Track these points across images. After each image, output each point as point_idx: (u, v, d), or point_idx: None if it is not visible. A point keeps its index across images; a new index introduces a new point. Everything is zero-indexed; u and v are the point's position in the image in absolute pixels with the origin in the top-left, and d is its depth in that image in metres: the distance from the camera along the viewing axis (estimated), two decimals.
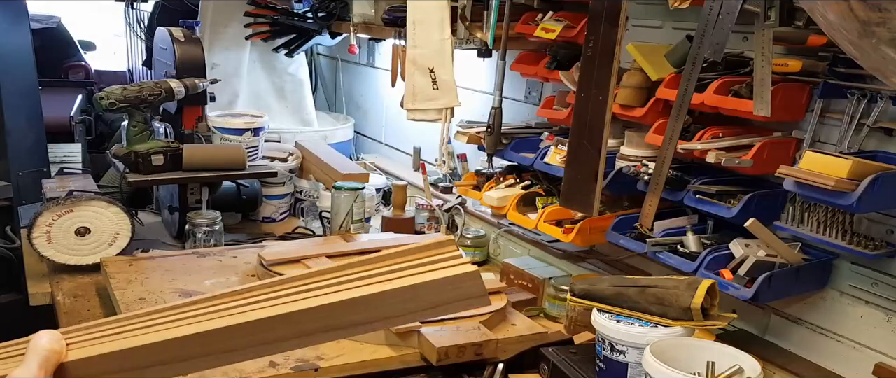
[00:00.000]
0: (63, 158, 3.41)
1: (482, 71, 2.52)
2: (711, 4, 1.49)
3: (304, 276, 0.78)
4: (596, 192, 1.72)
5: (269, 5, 2.98)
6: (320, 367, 1.53)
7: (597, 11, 1.68)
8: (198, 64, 2.49)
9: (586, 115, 1.73)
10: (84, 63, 5.83)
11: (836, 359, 1.60)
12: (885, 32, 0.87)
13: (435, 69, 2.15)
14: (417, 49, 2.16)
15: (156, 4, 3.97)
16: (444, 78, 2.15)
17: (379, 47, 3.31)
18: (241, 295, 0.78)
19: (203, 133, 2.53)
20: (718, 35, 1.49)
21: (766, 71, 1.47)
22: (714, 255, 1.60)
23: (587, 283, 1.59)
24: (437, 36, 2.14)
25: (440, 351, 1.57)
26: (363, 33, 2.69)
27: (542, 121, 2.22)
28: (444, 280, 0.76)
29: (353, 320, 0.76)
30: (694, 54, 1.55)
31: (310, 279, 0.78)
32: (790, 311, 1.68)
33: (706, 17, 1.50)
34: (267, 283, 0.78)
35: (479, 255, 2.39)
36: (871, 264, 1.52)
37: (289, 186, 2.75)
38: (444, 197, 2.61)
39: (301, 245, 2.18)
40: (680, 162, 1.70)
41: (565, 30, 1.97)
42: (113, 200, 2.19)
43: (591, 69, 1.71)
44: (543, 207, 2.02)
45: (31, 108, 3.19)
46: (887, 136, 1.47)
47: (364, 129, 3.53)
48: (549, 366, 1.59)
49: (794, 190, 1.41)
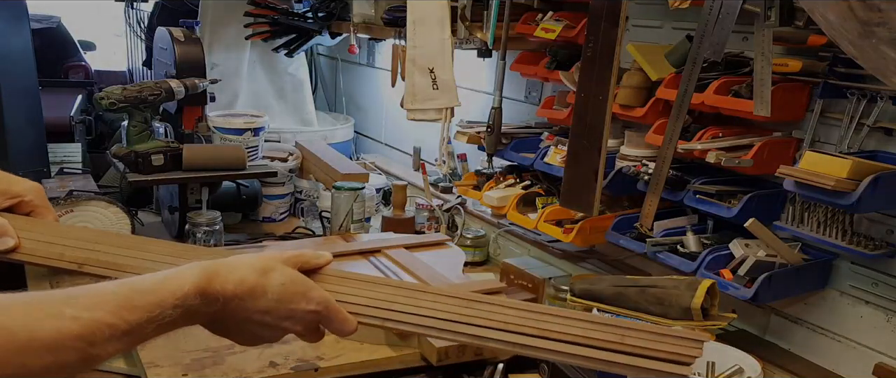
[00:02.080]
0: (63, 158, 3.41)
1: (482, 71, 2.52)
2: (711, 4, 1.49)
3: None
4: (596, 192, 1.72)
5: (269, 5, 2.98)
6: (320, 367, 1.53)
7: (597, 11, 1.68)
8: (198, 64, 2.49)
9: (586, 115, 1.73)
10: (84, 63, 5.82)
11: (836, 359, 1.60)
12: (885, 32, 0.87)
13: (435, 69, 2.15)
14: (417, 49, 2.16)
15: (156, 4, 3.96)
16: (444, 78, 2.15)
17: (379, 47, 3.31)
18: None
19: (203, 133, 2.53)
20: (718, 35, 1.49)
21: (766, 71, 1.47)
22: (714, 255, 1.60)
23: (587, 283, 1.59)
24: (437, 36, 2.14)
25: (440, 351, 1.57)
26: (363, 33, 2.69)
27: (542, 121, 2.22)
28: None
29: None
30: (694, 54, 1.55)
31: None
32: (790, 311, 1.68)
33: (706, 17, 1.50)
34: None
35: (479, 255, 2.39)
36: (871, 264, 1.52)
37: (289, 186, 2.75)
38: (444, 197, 2.61)
39: (301, 245, 2.18)
40: (680, 162, 1.70)
41: (565, 30, 1.97)
42: (113, 200, 2.19)
43: (591, 69, 1.71)
44: (543, 207, 2.02)
45: (31, 108, 3.19)
46: (887, 136, 1.47)
47: (364, 129, 3.53)
48: (549, 366, 1.59)
49: (794, 190, 1.41)
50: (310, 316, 0.92)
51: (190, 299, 0.83)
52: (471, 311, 0.90)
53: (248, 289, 0.87)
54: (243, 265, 0.89)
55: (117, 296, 0.80)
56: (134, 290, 0.82)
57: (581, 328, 0.87)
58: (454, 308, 0.90)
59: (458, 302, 0.91)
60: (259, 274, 0.89)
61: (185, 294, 0.83)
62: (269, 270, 0.90)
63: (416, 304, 0.92)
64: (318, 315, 0.92)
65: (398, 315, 0.92)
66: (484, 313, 0.89)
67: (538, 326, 0.87)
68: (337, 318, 0.93)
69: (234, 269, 0.88)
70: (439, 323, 0.90)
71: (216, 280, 0.86)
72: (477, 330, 0.89)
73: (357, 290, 0.95)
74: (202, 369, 1.49)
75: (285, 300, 0.90)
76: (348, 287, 0.95)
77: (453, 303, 0.91)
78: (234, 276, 0.87)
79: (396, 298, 0.93)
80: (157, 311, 0.81)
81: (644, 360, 0.84)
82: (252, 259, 0.91)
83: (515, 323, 0.88)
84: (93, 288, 0.81)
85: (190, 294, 0.83)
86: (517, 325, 0.88)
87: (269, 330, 0.91)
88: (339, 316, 0.93)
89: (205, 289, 0.85)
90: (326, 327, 0.95)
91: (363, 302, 0.94)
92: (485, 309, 0.90)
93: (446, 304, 0.91)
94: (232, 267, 0.88)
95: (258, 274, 0.89)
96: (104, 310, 0.78)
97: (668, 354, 0.84)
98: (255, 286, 0.88)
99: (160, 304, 0.81)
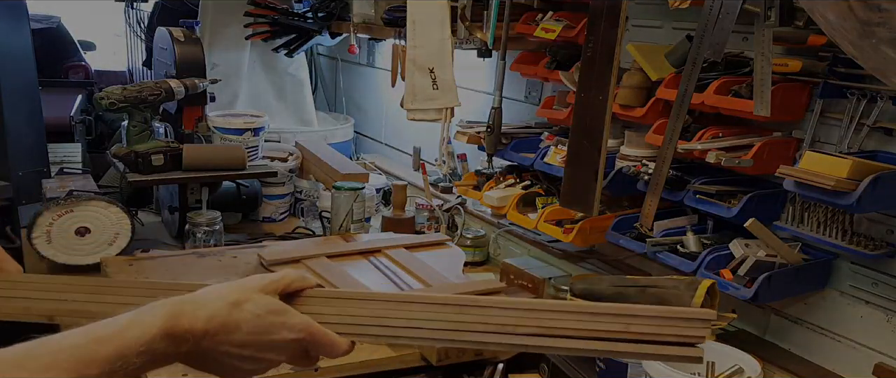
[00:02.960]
0: (63, 158, 3.40)
1: (482, 71, 2.51)
2: (711, 4, 1.49)
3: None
4: (596, 192, 1.72)
5: (269, 5, 2.98)
6: (320, 367, 1.53)
7: (597, 11, 1.68)
8: (198, 64, 2.49)
9: (586, 115, 1.73)
10: (84, 63, 5.82)
11: (836, 359, 1.60)
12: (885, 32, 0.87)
13: (435, 69, 2.15)
14: (417, 49, 2.16)
15: (156, 4, 3.96)
16: (444, 78, 2.15)
17: (379, 47, 3.31)
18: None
19: (203, 133, 2.53)
20: (718, 35, 1.49)
21: (766, 71, 1.47)
22: (714, 255, 1.60)
23: (587, 283, 1.59)
24: (437, 36, 2.14)
25: (440, 351, 1.57)
26: (363, 33, 2.69)
27: (542, 121, 2.22)
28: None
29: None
30: (694, 54, 1.55)
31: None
32: (790, 311, 1.68)
33: (706, 17, 1.50)
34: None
35: (479, 255, 2.39)
36: (871, 264, 1.52)
37: (289, 186, 2.75)
38: (444, 197, 2.61)
39: (301, 245, 2.18)
40: (680, 162, 1.70)
41: (565, 30, 1.97)
42: (113, 200, 2.19)
43: (591, 69, 1.71)
44: (543, 207, 2.02)
45: (31, 108, 3.19)
46: (887, 136, 1.47)
47: (364, 129, 3.53)
48: (549, 366, 1.59)
49: (794, 190, 1.41)
50: (293, 345, 0.87)
51: (156, 343, 0.79)
52: (465, 317, 0.87)
53: (219, 324, 0.82)
54: (212, 299, 0.84)
55: (77, 349, 0.75)
56: (95, 340, 0.76)
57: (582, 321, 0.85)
58: (448, 315, 0.88)
59: (451, 308, 0.88)
60: (231, 307, 0.84)
61: (150, 339, 0.78)
62: (242, 302, 0.84)
63: (409, 315, 0.89)
64: (301, 342, 0.87)
65: (391, 330, 0.89)
66: (479, 317, 0.87)
67: (538, 324, 0.85)
68: (324, 342, 0.88)
69: (203, 305, 0.83)
70: (434, 333, 0.88)
71: (183, 319, 0.81)
72: (474, 335, 0.87)
73: (344, 309, 0.90)
74: None
75: (262, 332, 0.85)
76: (335, 307, 0.91)
77: (447, 310, 0.88)
78: (202, 313, 0.82)
79: (387, 312, 0.89)
80: (119, 362, 0.76)
81: (652, 347, 0.83)
82: (223, 291, 0.85)
83: (513, 323, 0.86)
84: (52, 341, 0.75)
85: (156, 338, 0.79)
86: (515, 326, 0.86)
87: (252, 362, 0.86)
88: (326, 340, 0.88)
89: (171, 330, 0.80)
90: (315, 353, 0.90)
91: (352, 321, 0.90)
92: (480, 312, 0.87)
93: (439, 313, 0.88)
94: (200, 302, 0.83)
95: (230, 307, 0.83)
96: (61, 368, 0.73)
97: (676, 337, 0.82)
98: (227, 321, 0.83)
99: (122, 355, 0.76)
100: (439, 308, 0.88)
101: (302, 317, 0.88)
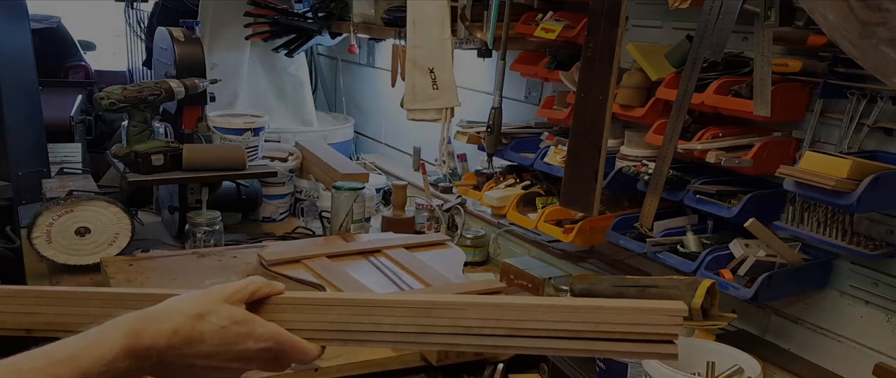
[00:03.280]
0: (63, 158, 3.41)
1: (482, 71, 2.52)
2: (711, 4, 1.49)
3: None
4: (596, 192, 1.72)
5: (269, 5, 2.98)
6: (320, 367, 1.53)
7: (597, 11, 1.68)
8: (198, 64, 2.49)
9: (586, 115, 1.73)
10: (84, 63, 5.82)
11: (836, 359, 1.60)
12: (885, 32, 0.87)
13: (435, 69, 2.15)
14: (417, 49, 2.16)
15: (156, 4, 3.96)
16: (444, 78, 2.15)
17: (379, 47, 3.31)
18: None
19: (203, 133, 2.53)
20: (718, 35, 1.49)
21: (766, 71, 1.47)
22: (714, 255, 1.60)
23: (587, 283, 1.59)
24: (437, 36, 2.14)
25: (440, 351, 1.57)
26: (363, 33, 2.69)
27: (542, 121, 2.22)
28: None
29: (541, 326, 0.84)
30: (694, 54, 1.55)
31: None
32: (790, 311, 1.68)
33: (706, 17, 1.50)
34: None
35: (479, 255, 2.39)
36: (871, 264, 1.52)
37: (289, 186, 2.75)
38: (444, 197, 2.61)
39: (301, 245, 2.18)
40: (680, 162, 1.70)
41: (565, 30, 1.97)
42: (113, 200, 2.19)
43: (591, 69, 1.71)
44: (543, 207, 2.02)
45: (31, 108, 3.19)
46: (887, 136, 1.47)
47: (364, 129, 3.53)
48: (549, 366, 1.59)
49: (794, 190, 1.41)
50: (262, 353, 0.86)
51: (118, 362, 0.77)
52: (431, 320, 0.86)
53: (183, 338, 0.82)
54: (176, 312, 0.83)
55: (36, 373, 0.73)
56: (55, 363, 0.75)
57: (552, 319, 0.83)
58: (415, 319, 0.86)
59: (417, 311, 0.87)
60: (194, 320, 0.82)
61: (112, 359, 0.77)
62: (206, 314, 0.83)
63: (376, 320, 0.88)
64: (270, 351, 0.87)
65: (359, 334, 0.89)
66: (446, 320, 0.86)
67: (506, 325, 0.84)
68: (294, 349, 0.87)
69: (166, 319, 0.82)
70: (401, 337, 0.88)
71: (145, 335, 0.80)
72: (442, 338, 0.86)
73: (313, 316, 0.89)
74: None
75: (228, 342, 0.84)
76: (304, 313, 0.90)
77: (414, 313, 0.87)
78: (166, 327, 0.81)
79: (355, 317, 0.88)
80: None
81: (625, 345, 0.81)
82: (187, 304, 0.84)
83: (480, 325, 0.85)
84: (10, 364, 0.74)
85: (118, 357, 0.77)
86: (481, 327, 0.85)
87: (221, 371, 0.85)
88: (297, 347, 0.87)
89: (133, 347, 0.79)
90: (285, 360, 0.89)
91: (320, 327, 0.89)
92: (447, 314, 0.86)
93: (407, 317, 0.87)
94: (163, 316, 0.82)
95: (193, 320, 0.82)
96: None
97: (649, 335, 0.81)
98: (191, 335, 0.82)
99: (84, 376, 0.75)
100: (408, 311, 0.87)
101: (268, 326, 0.87)
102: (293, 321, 0.89)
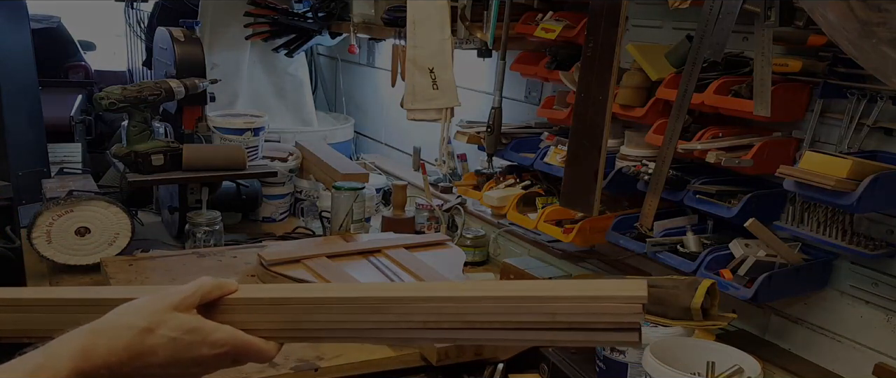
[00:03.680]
0: (63, 158, 3.41)
1: (482, 71, 2.52)
2: (711, 4, 1.49)
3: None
4: (596, 192, 1.72)
5: (269, 5, 2.98)
6: (320, 367, 1.53)
7: (597, 11, 1.68)
8: (198, 64, 2.49)
9: (586, 115, 1.73)
10: (84, 63, 5.82)
11: (836, 359, 1.60)
12: (885, 32, 0.87)
13: (435, 69, 2.15)
14: (417, 49, 2.16)
15: (156, 4, 3.96)
16: (444, 78, 2.15)
17: (379, 47, 3.31)
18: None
19: (203, 133, 2.53)
20: (718, 35, 1.49)
21: (766, 71, 1.47)
22: (714, 255, 1.60)
23: None
24: (437, 36, 2.14)
25: (440, 351, 1.57)
26: (363, 33, 2.69)
27: (542, 121, 2.22)
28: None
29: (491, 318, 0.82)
30: (694, 54, 1.55)
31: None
32: (790, 311, 1.68)
33: (706, 17, 1.50)
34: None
35: (479, 255, 2.39)
36: (871, 264, 1.52)
37: (289, 186, 2.75)
38: (444, 197, 2.61)
39: (301, 245, 2.18)
40: (680, 162, 1.70)
41: (565, 30, 1.97)
42: (113, 200, 2.19)
43: (591, 69, 1.71)
44: (543, 207, 2.02)
45: (31, 108, 3.19)
46: (887, 136, 1.47)
47: (364, 129, 3.53)
48: (549, 366, 1.59)
49: (794, 190, 1.41)
50: (219, 358, 0.85)
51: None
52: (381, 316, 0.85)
53: (134, 354, 0.80)
54: (125, 327, 0.80)
55: None
56: None
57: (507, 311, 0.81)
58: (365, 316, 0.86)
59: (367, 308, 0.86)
60: (144, 334, 0.81)
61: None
62: (156, 326, 0.81)
63: (329, 317, 0.87)
64: (227, 355, 0.85)
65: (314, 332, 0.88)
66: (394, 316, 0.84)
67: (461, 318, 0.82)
68: (250, 350, 0.86)
69: (117, 336, 0.80)
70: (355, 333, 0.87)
71: (95, 355, 0.78)
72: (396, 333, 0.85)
73: (266, 316, 0.88)
74: None
75: (182, 351, 0.82)
76: (257, 314, 0.88)
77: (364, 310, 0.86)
78: (117, 344, 0.79)
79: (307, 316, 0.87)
80: None
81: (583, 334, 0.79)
82: (136, 316, 0.82)
83: (435, 319, 0.83)
84: None
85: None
86: (437, 321, 0.83)
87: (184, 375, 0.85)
88: (253, 348, 0.86)
89: (83, 369, 0.77)
90: (243, 360, 0.88)
91: (275, 326, 0.88)
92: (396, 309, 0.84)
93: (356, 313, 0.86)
94: (114, 333, 0.80)
95: (143, 334, 0.81)
96: None
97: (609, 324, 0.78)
98: (142, 350, 0.80)
99: None
100: (358, 308, 0.86)
101: (222, 331, 0.85)
102: (247, 322, 0.87)
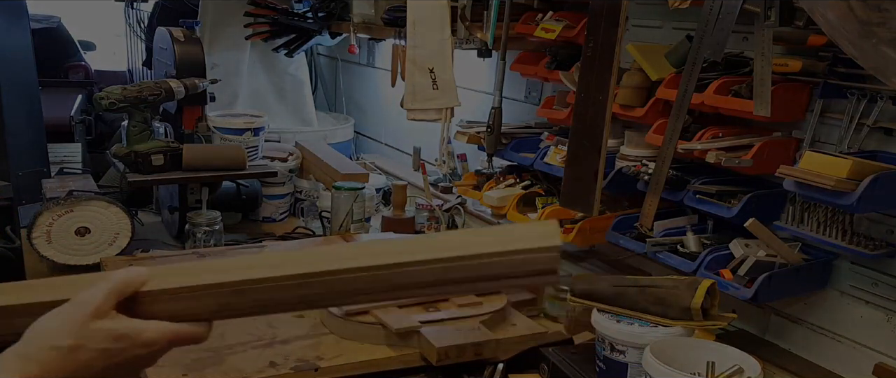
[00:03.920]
0: (63, 158, 3.41)
1: (482, 71, 2.52)
2: (711, 4, 1.49)
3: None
4: (596, 192, 1.72)
5: (269, 5, 2.98)
6: (320, 367, 1.53)
7: (597, 11, 1.69)
8: (198, 64, 2.49)
9: (586, 115, 1.73)
10: (84, 63, 5.82)
11: (836, 359, 1.60)
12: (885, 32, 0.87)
13: (435, 69, 2.15)
14: (417, 49, 2.16)
15: (156, 4, 3.96)
16: (444, 78, 2.15)
17: (379, 47, 3.31)
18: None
19: (203, 133, 2.53)
20: (718, 35, 1.49)
21: (766, 71, 1.47)
22: (714, 255, 1.60)
23: (587, 282, 1.59)
24: (437, 36, 2.14)
25: (440, 351, 1.57)
26: (363, 33, 2.69)
27: (542, 121, 2.22)
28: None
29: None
30: (694, 54, 1.55)
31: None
32: (790, 311, 1.68)
33: (706, 17, 1.50)
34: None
35: None
36: (871, 264, 1.52)
37: (289, 186, 2.75)
38: (444, 197, 2.61)
39: (301, 245, 2.18)
40: (680, 162, 1.70)
41: (565, 30, 1.97)
42: (113, 200, 2.19)
43: (591, 69, 1.71)
44: (543, 207, 2.02)
45: (31, 108, 3.19)
46: (887, 136, 1.47)
47: (364, 129, 3.53)
48: (549, 366, 1.59)
49: (794, 190, 1.41)
50: (155, 353, 0.84)
51: None
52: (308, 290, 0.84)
53: (71, 372, 0.79)
54: (51, 349, 0.79)
55: None
56: None
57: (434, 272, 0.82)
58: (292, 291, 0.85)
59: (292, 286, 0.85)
60: (73, 352, 0.79)
61: None
62: (83, 342, 0.80)
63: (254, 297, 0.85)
64: (161, 349, 0.84)
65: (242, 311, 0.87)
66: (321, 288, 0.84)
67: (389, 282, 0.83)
68: (183, 339, 0.85)
69: (48, 359, 0.79)
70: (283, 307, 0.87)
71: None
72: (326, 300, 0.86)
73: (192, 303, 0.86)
74: (202, 369, 1.49)
75: (116, 356, 0.81)
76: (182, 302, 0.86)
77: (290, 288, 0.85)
78: (50, 367, 0.78)
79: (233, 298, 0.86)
80: None
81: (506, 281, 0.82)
82: (58, 336, 0.80)
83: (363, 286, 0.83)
84: None
85: None
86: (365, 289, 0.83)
87: (127, 374, 0.84)
88: (184, 336, 0.85)
89: None
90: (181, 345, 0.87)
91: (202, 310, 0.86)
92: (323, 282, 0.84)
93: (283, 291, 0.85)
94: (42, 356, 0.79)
95: (73, 353, 0.79)
96: None
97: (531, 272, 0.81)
98: (77, 366, 0.79)
99: None
100: (283, 285, 0.85)
101: (151, 330, 0.83)
102: (173, 310, 0.86)
